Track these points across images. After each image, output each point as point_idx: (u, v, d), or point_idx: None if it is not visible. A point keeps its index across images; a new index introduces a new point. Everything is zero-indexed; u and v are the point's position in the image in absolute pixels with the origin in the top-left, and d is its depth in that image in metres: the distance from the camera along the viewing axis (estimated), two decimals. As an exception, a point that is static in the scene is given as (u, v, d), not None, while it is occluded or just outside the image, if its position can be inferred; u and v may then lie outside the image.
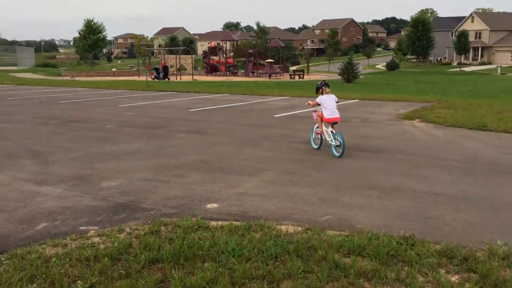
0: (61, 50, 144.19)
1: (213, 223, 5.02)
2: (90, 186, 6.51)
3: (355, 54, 53.97)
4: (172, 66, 44.25)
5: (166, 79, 39.08)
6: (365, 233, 4.57)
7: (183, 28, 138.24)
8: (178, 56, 45.19)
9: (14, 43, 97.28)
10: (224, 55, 48.83)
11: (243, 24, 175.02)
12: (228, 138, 10.36)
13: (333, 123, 8.65)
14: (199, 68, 55.36)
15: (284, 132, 11.08)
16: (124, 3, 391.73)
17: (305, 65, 54.03)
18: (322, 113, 8.73)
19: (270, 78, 41.92)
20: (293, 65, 73.21)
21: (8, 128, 11.63)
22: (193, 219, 5.08)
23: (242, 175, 7.09)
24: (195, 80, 37.82)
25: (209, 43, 59.18)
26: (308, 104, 9.39)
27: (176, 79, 39.80)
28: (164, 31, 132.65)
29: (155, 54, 73.16)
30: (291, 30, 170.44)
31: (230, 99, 20.01)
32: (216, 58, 50.16)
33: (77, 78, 41.95)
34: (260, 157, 8.38)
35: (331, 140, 8.54)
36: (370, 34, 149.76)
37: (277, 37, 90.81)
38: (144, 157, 8.33)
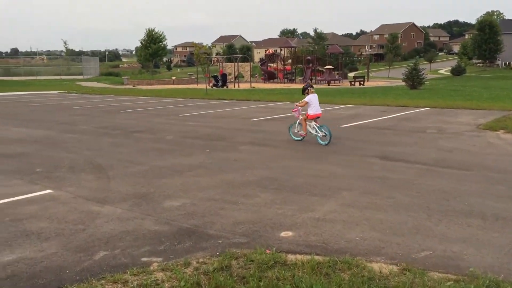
0: (123, 60, 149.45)
1: (291, 256, 4.34)
2: (152, 206, 6.02)
3: (416, 59, 51.75)
4: (230, 74, 44.24)
5: (225, 87, 39.04)
6: (481, 279, 3.73)
7: (240, 36, 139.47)
8: (236, 63, 45.13)
9: (80, 53, 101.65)
10: (282, 62, 48.32)
11: (299, 31, 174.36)
12: (294, 151, 9.68)
13: (316, 118, 10.43)
14: (256, 75, 55.16)
15: (354, 144, 10.25)
16: (184, 13, 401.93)
17: (365, 71, 52.51)
18: (307, 113, 10.44)
19: (329, 85, 40.92)
20: (350, 71, 71.63)
21: (72, 139, 11.54)
22: (268, 251, 4.43)
23: (316, 196, 6.37)
24: (253, 87, 37.49)
25: (266, 50, 58.89)
26: (296, 105, 10.93)
27: (234, 86, 39.67)
28: (222, 39, 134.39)
29: (212, 62, 73.91)
30: (348, 35, 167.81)
31: (290, 107, 19.29)
32: (273, 65, 49.76)
33: (138, 87, 42.81)
34: (331, 173, 7.63)
35: (317, 132, 10.30)
36: (431, 38, 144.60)
37: (334, 43, 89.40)
38: (208, 173, 7.80)
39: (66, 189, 6.88)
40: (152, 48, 63.83)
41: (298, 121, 10.90)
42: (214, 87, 37.86)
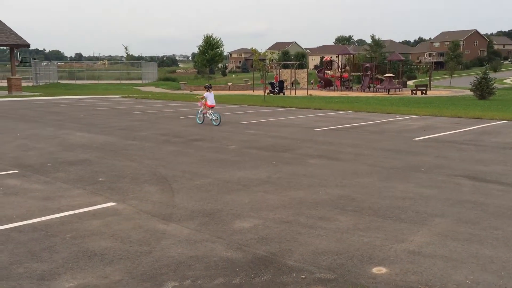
0: (180, 65, 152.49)
1: (391, 302, 3.64)
2: (221, 226, 5.47)
3: (479, 67, 49.14)
4: (286, 81, 43.67)
5: (281, 94, 38.51)
6: None
7: (295, 43, 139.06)
8: (293, 70, 44.52)
9: (139, 58, 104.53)
10: (340, 69, 47.24)
11: (355, 38, 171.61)
12: (367, 166, 8.91)
13: (211, 107, 15.65)
14: (312, 81, 54.30)
15: (435, 161, 9.34)
16: (240, 20, 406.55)
17: (425, 79, 50.39)
18: (206, 102, 15.79)
19: (388, 94, 39.48)
20: (409, 79, 69.23)
21: (133, 146, 11.29)
22: (363, 294, 3.75)
23: (404, 222, 5.60)
24: (311, 95, 36.73)
25: (324, 57, 57.92)
26: (199, 97, 16.31)
27: (291, 93, 39.06)
28: (277, 45, 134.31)
29: (267, 68, 73.77)
30: (406, 42, 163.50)
31: (354, 117, 18.46)
32: (330, 72, 48.76)
33: (195, 92, 43.09)
34: (417, 195, 6.82)
35: (211, 115, 15.59)
36: (495, 47, 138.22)
37: (392, 50, 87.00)
38: (276, 189, 7.20)
39: (129, 202, 6.48)
40: (209, 54, 64.54)
41: (200, 109, 16.24)
42: (270, 94, 37.39)
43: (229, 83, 54.49)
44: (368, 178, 7.89)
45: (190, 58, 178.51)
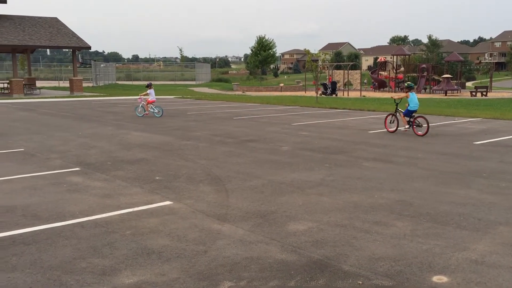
0: (233, 66, 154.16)
1: (453, 313, 3.50)
2: (275, 228, 5.47)
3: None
4: (338, 82, 43.15)
5: (334, 95, 38.10)
6: None
7: (348, 43, 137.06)
8: (346, 71, 43.92)
9: (193, 59, 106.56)
10: (394, 70, 46.11)
11: (410, 38, 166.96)
12: (425, 170, 8.63)
13: (153, 103, 18.73)
14: (365, 81, 53.37)
15: (498, 166, 8.93)
16: (292, 21, 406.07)
17: (485, 80, 48.28)
18: (148, 99, 18.72)
19: (446, 95, 38.13)
20: (467, 80, 66.54)
21: (188, 146, 11.52)
22: (423, 303, 3.63)
23: (465, 229, 5.39)
24: (364, 96, 36.09)
25: (378, 58, 56.76)
26: (140, 96, 19.51)
27: (343, 95, 38.55)
28: (329, 46, 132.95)
29: (320, 69, 73.19)
30: (465, 42, 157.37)
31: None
32: (384, 73, 47.70)
33: (247, 93, 43.40)
34: (479, 201, 6.53)
35: (153, 109, 18.76)
36: None
37: (449, 50, 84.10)
38: (331, 192, 7.12)
39: (185, 201, 6.61)
40: (262, 55, 64.75)
41: (141, 104, 19.03)
42: (323, 95, 37.07)
43: (281, 84, 54.50)
44: (425, 183, 7.65)
45: (242, 59, 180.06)
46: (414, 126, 13.29)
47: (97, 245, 4.90)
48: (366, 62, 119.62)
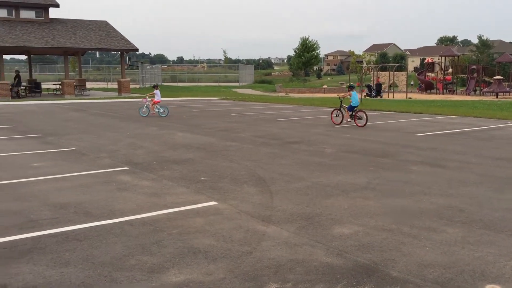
0: (276, 68, 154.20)
1: (508, 324, 3.36)
2: (321, 231, 5.43)
3: None
4: (383, 83, 42.38)
5: (379, 97, 37.44)
6: None
7: (394, 44, 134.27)
8: (392, 73, 43.08)
9: (237, 61, 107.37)
10: (442, 71, 44.84)
11: (459, 38, 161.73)
12: (476, 175, 8.34)
13: (158, 103, 19.38)
14: (412, 83, 52.17)
15: (555, 172, 8.51)
16: (335, 22, 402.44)
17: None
18: (154, 99, 19.47)
19: (497, 98, 36.72)
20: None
21: (232, 147, 11.61)
22: (475, 313, 3.51)
23: (520, 238, 5.16)
24: (410, 98, 35.28)
25: (425, 59, 55.36)
26: (147, 96, 20.26)
27: (389, 97, 37.82)
28: (374, 47, 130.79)
29: (364, 70, 72.21)
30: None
31: (459, 122, 17.42)
32: (432, 74, 46.47)
33: (290, 94, 43.36)
34: (534, 209, 6.25)
35: (158, 109, 19.42)
36: None
37: (501, 51, 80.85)
38: (376, 195, 6.99)
39: (230, 202, 6.66)
40: (305, 57, 64.48)
41: (145, 104, 19.75)
42: (367, 97, 36.51)
43: (324, 86, 54.11)
44: (477, 188, 7.39)
45: (285, 60, 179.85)
46: (356, 119, 15.95)
47: (146, 243, 5.02)
48: (412, 63, 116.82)
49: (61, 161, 9.68)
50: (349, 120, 16.27)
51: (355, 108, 16.22)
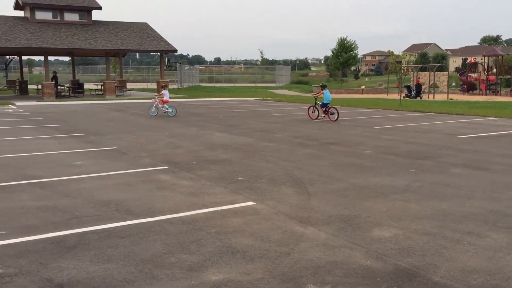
0: (312, 68, 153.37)
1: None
2: (359, 233, 5.36)
3: None
4: (423, 84, 41.44)
5: (418, 98, 36.66)
6: None
7: (435, 44, 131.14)
8: (432, 73, 42.08)
9: (273, 62, 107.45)
10: (485, 72, 43.45)
11: (504, 37, 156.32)
12: (522, 179, 8.04)
13: (167, 102, 20.10)
14: (453, 84, 50.81)
15: None
16: (374, 22, 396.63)
17: None
18: (163, 98, 20.09)
19: (545, 99, 35.29)
20: None
21: (269, 147, 11.63)
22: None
23: None
24: (451, 99, 34.36)
25: (467, 59, 53.81)
26: (156, 95, 21.66)
27: (429, 98, 36.97)
28: (414, 47, 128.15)
29: (404, 71, 70.87)
30: None
31: (504, 124, 16.85)
32: (474, 75, 45.12)
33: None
34: None
35: (167, 109, 20.02)
36: None
37: (550, 50, 77.64)
38: (417, 198, 6.85)
39: (267, 202, 6.67)
40: (343, 57, 63.87)
41: (154, 104, 20.27)
42: (406, 98, 35.80)
43: (362, 87, 53.40)
44: (523, 193, 7.12)
45: (322, 61, 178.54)
46: (329, 114, 18.19)
47: (185, 242, 5.09)
48: (454, 63, 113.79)
49: (103, 160, 9.94)
50: (322, 115, 18.51)
51: (328, 105, 18.27)
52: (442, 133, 14.28)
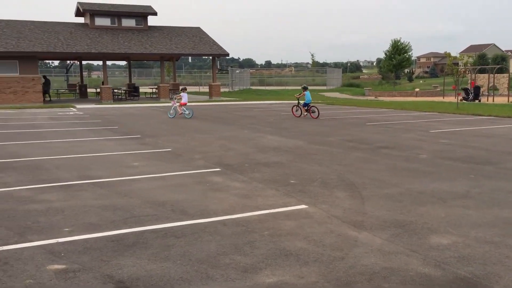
0: (364, 71, 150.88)
1: None
2: (416, 240, 5.23)
3: None
4: (482, 86, 39.80)
5: (477, 101, 35.25)
6: None
7: (494, 45, 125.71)
8: (491, 75, 40.34)
9: (324, 64, 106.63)
10: (551, 73, 41.15)
11: None
12: None
13: (184, 105, 20.82)
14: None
15: None
16: (429, 22, 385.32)
17: None
18: (182, 101, 20.97)
19: None
20: None
21: (321, 150, 11.55)
22: None
23: None
24: (512, 102, 32.79)
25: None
26: (175, 98, 21.79)
27: (487, 100, 35.46)
28: (471, 48, 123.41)
29: (461, 73, 68.37)
30: None
31: None
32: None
33: (380, 98, 42.18)
34: None
35: (184, 111, 20.67)
36: None
37: None
38: (477, 205, 6.60)
39: (320, 206, 6.63)
40: (396, 59, 62.43)
41: (173, 107, 21.26)
42: (464, 101, 34.51)
43: (416, 89, 51.98)
44: None
45: (374, 63, 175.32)
46: (311, 112, 20.54)
47: (239, 243, 5.15)
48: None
49: (158, 161, 10.22)
50: (305, 114, 20.82)
51: (309, 104, 20.78)
52: (504, 138, 13.67)
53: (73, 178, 8.45)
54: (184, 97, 21.33)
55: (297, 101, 21.65)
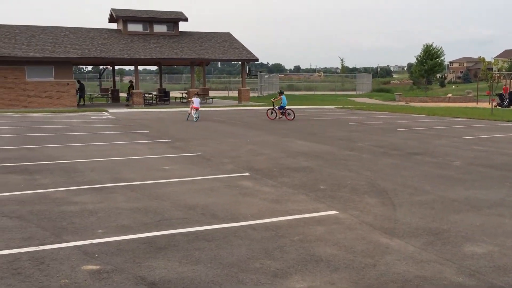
0: (395, 76, 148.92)
1: None
2: (450, 248, 5.13)
3: None
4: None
5: (512, 107, 34.29)
6: None
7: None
8: (527, 80, 39.20)
9: (354, 69, 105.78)
10: None
11: None
12: None
13: (196, 109, 21.82)
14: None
15: None
16: (462, 27, 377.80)
17: None
18: (193, 105, 21.89)
19: None
20: None
21: (351, 156, 11.46)
22: None
23: None
24: (550, 108, 31.77)
25: None
26: (189, 101, 24.40)
27: (524, 106, 34.43)
28: (506, 53, 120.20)
29: (496, 78, 66.60)
30: None
31: None
32: None
33: (411, 104, 41.55)
34: None
35: (194, 114, 21.71)
36: None
37: None
38: (513, 214, 6.42)
39: (351, 212, 6.58)
40: (428, 64, 61.49)
41: (193, 111, 21.99)
42: (498, 107, 33.64)
43: (449, 95, 51.01)
44: None
45: (405, 68, 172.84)
46: (286, 115, 22.34)
47: (269, 248, 5.15)
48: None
49: (189, 165, 10.33)
50: (280, 116, 22.43)
51: (284, 107, 22.50)
52: (541, 145, 13.26)
53: (106, 180, 8.63)
54: (195, 101, 22.12)
55: (272, 105, 23.46)
